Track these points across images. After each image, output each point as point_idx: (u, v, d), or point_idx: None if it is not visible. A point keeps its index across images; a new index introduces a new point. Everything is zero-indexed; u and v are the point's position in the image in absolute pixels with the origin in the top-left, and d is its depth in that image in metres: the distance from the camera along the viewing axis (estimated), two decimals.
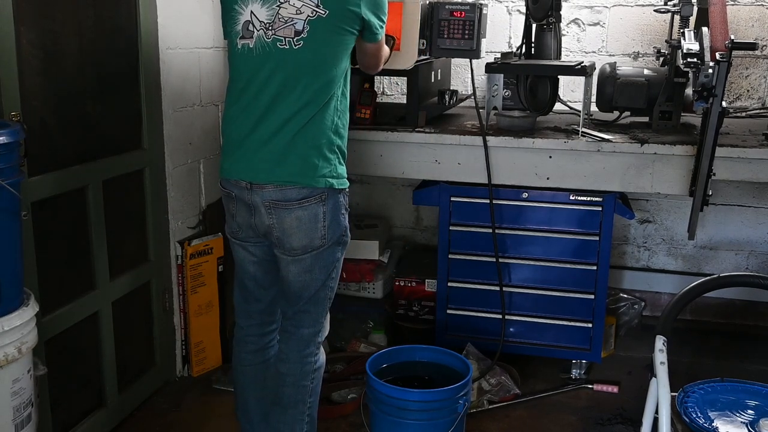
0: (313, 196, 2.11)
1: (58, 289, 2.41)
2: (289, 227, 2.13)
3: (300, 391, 2.27)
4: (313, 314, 2.26)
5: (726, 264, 3.74)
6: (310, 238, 2.14)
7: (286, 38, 2.08)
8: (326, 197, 2.13)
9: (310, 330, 2.27)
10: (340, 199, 2.18)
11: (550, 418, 2.89)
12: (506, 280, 3.08)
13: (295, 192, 2.10)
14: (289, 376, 2.27)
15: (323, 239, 2.16)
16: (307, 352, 2.27)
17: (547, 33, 3.14)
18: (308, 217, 2.12)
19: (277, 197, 2.11)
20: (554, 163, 2.88)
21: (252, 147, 2.13)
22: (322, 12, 2.06)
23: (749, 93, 3.58)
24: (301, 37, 2.07)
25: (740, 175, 2.79)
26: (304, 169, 2.09)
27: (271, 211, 2.13)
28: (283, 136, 2.09)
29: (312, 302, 2.24)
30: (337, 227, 2.18)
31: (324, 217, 2.14)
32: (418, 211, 4.01)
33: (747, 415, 1.84)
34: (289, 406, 2.26)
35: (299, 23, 2.07)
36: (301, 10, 2.07)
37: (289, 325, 2.29)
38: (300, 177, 2.09)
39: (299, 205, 2.10)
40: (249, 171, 2.14)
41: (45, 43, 2.28)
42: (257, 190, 2.12)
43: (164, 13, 2.80)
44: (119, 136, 2.69)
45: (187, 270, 3.04)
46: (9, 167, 1.84)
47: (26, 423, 1.95)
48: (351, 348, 3.29)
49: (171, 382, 3.10)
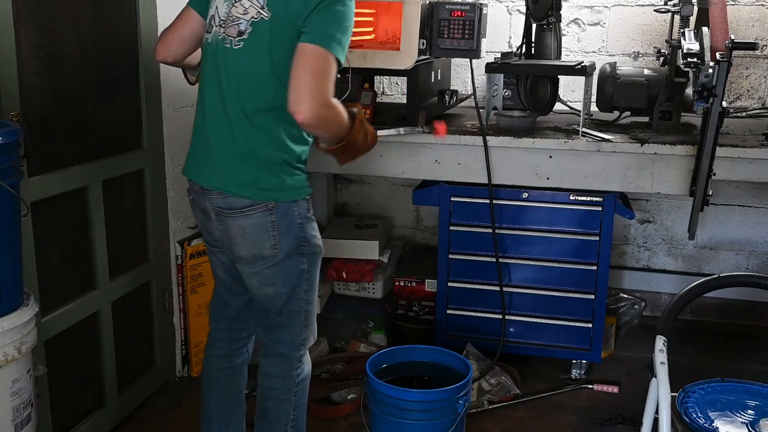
0: (257, 205, 2.03)
1: (58, 289, 2.41)
2: (234, 235, 2.07)
3: (283, 405, 2.22)
4: (289, 328, 2.18)
5: (726, 264, 3.74)
6: (258, 247, 2.06)
7: (229, 37, 2.03)
8: (273, 207, 2.04)
9: (289, 345, 2.20)
10: (293, 209, 2.07)
11: (550, 418, 2.89)
12: (506, 280, 3.08)
13: (237, 200, 2.03)
14: (271, 391, 2.22)
15: (274, 249, 2.06)
16: (288, 367, 2.21)
17: (547, 33, 3.13)
18: (253, 227, 2.04)
19: (221, 204, 2.06)
20: (554, 163, 2.88)
21: (200, 148, 2.11)
22: (266, 14, 1.98)
23: (749, 93, 3.58)
24: (242, 38, 2.01)
25: (740, 175, 2.79)
26: (244, 182, 2.02)
27: (219, 218, 2.09)
28: (225, 144, 2.03)
29: (285, 316, 2.17)
30: (291, 238, 2.08)
31: (273, 226, 2.05)
32: (418, 211, 4.01)
33: (747, 415, 1.84)
34: (273, 419, 2.23)
35: (243, 23, 2.01)
36: (248, 10, 2.00)
37: (267, 340, 2.23)
38: (237, 188, 2.02)
39: (242, 213, 2.04)
40: (198, 173, 2.11)
41: (45, 43, 2.28)
42: (207, 194, 2.09)
43: (164, 13, 2.80)
44: (119, 137, 2.69)
45: (186, 270, 3.04)
46: (9, 167, 1.84)
47: (26, 423, 1.95)
48: (351, 348, 3.29)
49: (171, 382, 3.10)
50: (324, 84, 1.91)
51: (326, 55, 1.92)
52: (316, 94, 1.89)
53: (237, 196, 2.03)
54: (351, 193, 4.02)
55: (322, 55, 1.92)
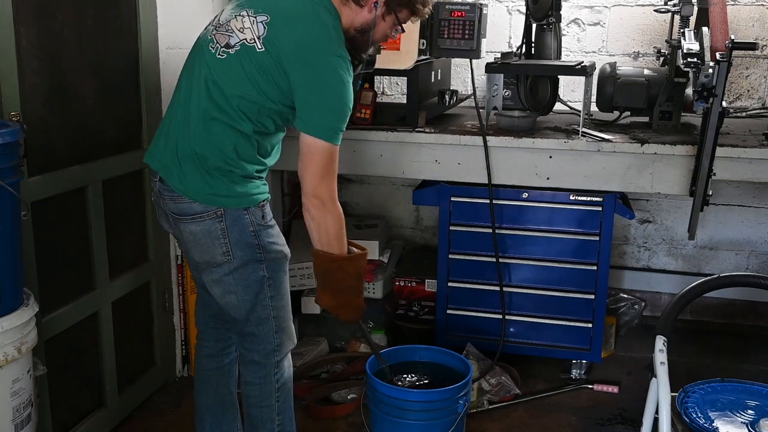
0: (206, 212, 2.01)
1: (58, 289, 2.41)
2: (187, 241, 2.08)
3: (266, 412, 2.21)
4: (259, 336, 2.16)
5: (726, 264, 3.74)
6: (210, 254, 2.05)
7: (216, 43, 2.03)
8: (222, 214, 2.02)
9: (262, 352, 2.18)
10: (243, 217, 2.03)
11: (550, 418, 2.89)
12: (506, 280, 3.08)
13: (188, 206, 2.02)
14: (251, 398, 2.22)
15: (227, 256, 2.04)
16: (265, 374, 2.19)
17: (547, 33, 3.13)
18: (202, 233, 2.03)
19: (174, 210, 2.06)
20: (554, 163, 2.88)
21: (163, 137, 2.10)
22: (259, 46, 1.98)
23: (749, 93, 3.58)
24: (227, 51, 2.01)
25: (740, 175, 2.79)
26: (193, 182, 2.01)
27: (174, 222, 2.10)
28: (183, 140, 2.03)
29: (254, 324, 2.14)
30: (245, 245, 2.05)
31: (223, 233, 2.03)
32: (418, 211, 4.01)
33: (747, 415, 1.84)
34: (258, 425, 2.23)
35: (234, 39, 2.01)
36: (245, 31, 2.00)
37: (241, 348, 2.23)
38: (185, 188, 2.02)
39: (192, 220, 2.03)
40: (158, 162, 2.09)
41: (45, 43, 2.28)
42: (162, 197, 2.09)
43: (164, 13, 2.80)
44: (119, 136, 2.69)
45: (186, 270, 3.04)
46: (9, 167, 1.84)
47: (26, 423, 1.95)
48: (351, 348, 3.29)
49: (171, 382, 3.10)
50: (329, 182, 2.04)
51: (330, 149, 2.01)
52: (319, 192, 2.03)
53: (186, 196, 2.02)
54: (351, 193, 4.02)
55: (326, 149, 2.01)
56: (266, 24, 1.99)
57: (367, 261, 2.28)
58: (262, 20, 2.00)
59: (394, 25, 2.18)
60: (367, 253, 2.27)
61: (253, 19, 2.01)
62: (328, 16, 2.04)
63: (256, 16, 2.01)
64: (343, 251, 2.16)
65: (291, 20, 2.00)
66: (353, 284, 2.24)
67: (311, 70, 1.97)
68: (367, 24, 2.12)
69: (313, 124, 1.99)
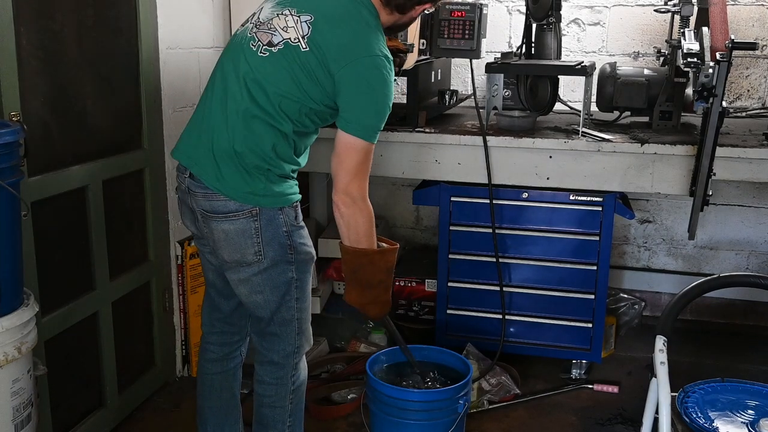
0: (241, 211, 2.00)
1: (58, 289, 2.41)
2: (218, 239, 2.05)
3: (278, 413, 2.21)
4: (281, 336, 2.15)
5: (726, 264, 3.74)
6: (241, 253, 2.03)
7: (259, 42, 2.02)
8: (258, 213, 2.00)
9: (282, 353, 2.17)
10: (278, 217, 2.03)
11: (550, 418, 2.89)
12: (506, 280, 3.08)
13: (222, 204, 2.00)
14: (266, 398, 2.20)
15: (258, 255, 2.03)
16: (282, 374, 2.18)
17: (548, 33, 3.14)
18: (236, 232, 2.01)
19: (206, 207, 2.04)
20: (554, 163, 2.88)
21: (195, 135, 2.08)
22: (304, 46, 1.97)
23: (749, 93, 3.58)
24: (270, 49, 2.00)
25: (740, 175, 2.79)
26: (229, 180, 1.99)
27: (204, 220, 2.07)
28: (221, 138, 2.01)
29: (277, 324, 2.14)
30: (277, 246, 2.04)
31: (257, 233, 2.01)
32: (418, 211, 4.01)
33: (747, 416, 1.84)
34: (269, 426, 2.22)
35: (278, 37, 2.00)
36: (288, 30, 2.00)
37: (260, 347, 2.21)
38: (222, 185, 2.00)
39: (226, 218, 2.01)
40: (190, 159, 2.07)
41: (45, 43, 2.28)
42: (192, 195, 2.06)
43: (164, 13, 2.80)
44: (119, 136, 2.69)
45: (187, 270, 3.04)
46: (9, 167, 1.84)
47: (26, 423, 1.95)
48: (351, 348, 3.29)
49: (171, 382, 3.10)
50: (361, 181, 2.04)
51: (367, 148, 2.03)
52: (350, 189, 2.03)
53: (221, 193, 2.00)
54: None
55: (363, 148, 2.02)
56: (310, 23, 1.99)
57: (396, 256, 2.27)
58: (306, 20, 2.00)
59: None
60: (397, 247, 2.26)
61: (297, 18, 2.00)
62: (371, 16, 2.05)
63: (300, 15, 2.01)
64: (372, 246, 2.16)
65: (335, 20, 2.00)
66: (383, 278, 2.23)
67: (356, 70, 1.97)
68: (403, 23, 2.19)
69: (355, 123, 2.00)
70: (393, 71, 2.04)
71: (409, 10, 2.12)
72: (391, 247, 2.24)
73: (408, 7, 2.11)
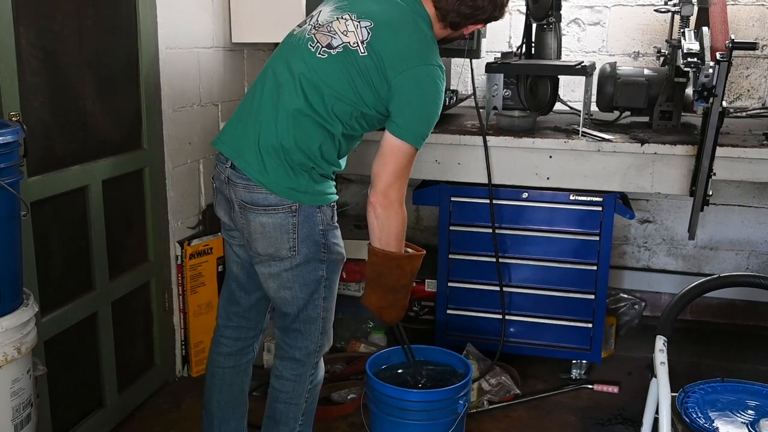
0: (281, 205, 2.02)
1: (57, 289, 2.41)
2: (254, 231, 2.07)
3: (292, 409, 2.21)
4: (305, 333, 2.17)
5: (726, 264, 3.74)
6: (276, 247, 2.05)
7: (318, 43, 2.05)
8: (297, 209, 2.03)
9: (304, 350, 2.18)
10: (316, 214, 2.06)
11: (550, 418, 2.89)
12: (506, 280, 3.08)
13: (263, 197, 2.03)
14: (282, 393, 2.21)
15: (292, 251, 2.05)
16: (302, 372, 2.19)
17: (548, 33, 3.14)
18: (273, 226, 2.04)
19: (246, 199, 2.05)
20: (554, 163, 2.88)
21: (241, 128, 2.10)
22: (362, 51, 2.01)
23: (749, 93, 3.58)
24: (329, 51, 2.03)
25: (740, 175, 2.79)
26: (272, 175, 2.02)
27: (242, 211, 2.09)
28: (268, 133, 2.03)
29: (302, 321, 2.15)
30: (312, 243, 2.07)
31: (294, 228, 2.04)
32: (418, 211, 4.01)
33: (747, 416, 1.83)
34: (281, 422, 2.22)
35: (337, 41, 2.03)
36: (348, 34, 2.03)
37: (283, 343, 2.22)
38: (265, 178, 2.02)
39: (265, 211, 2.03)
40: (233, 150, 2.08)
41: (45, 43, 2.28)
42: (232, 186, 2.08)
43: (164, 13, 2.80)
44: (119, 136, 2.69)
45: (186, 270, 3.04)
46: (9, 167, 1.84)
47: (26, 423, 1.95)
48: (351, 348, 3.29)
49: (171, 382, 3.10)
50: (401, 185, 2.09)
51: (412, 153, 2.08)
52: (389, 191, 2.07)
53: (264, 186, 2.02)
54: (351, 193, 4.02)
55: (408, 153, 2.07)
56: (370, 29, 2.03)
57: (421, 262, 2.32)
58: (366, 25, 2.04)
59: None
60: (423, 253, 2.31)
61: (357, 24, 2.04)
62: (427, 27, 2.11)
63: (360, 21, 2.04)
64: (400, 251, 2.20)
65: (394, 28, 2.04)
66: (407, 282, 2.29)
67: (412, 78, 2.01)
68: (453, 38, 2.25)
69: (405, 128, 2.04)
70: (444, 81, 2.10)
71: (462, 27, 2.17)
72: (418, 253, 2.29)
73: (462, 25, 2.16)
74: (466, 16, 2.13)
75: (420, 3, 2.12)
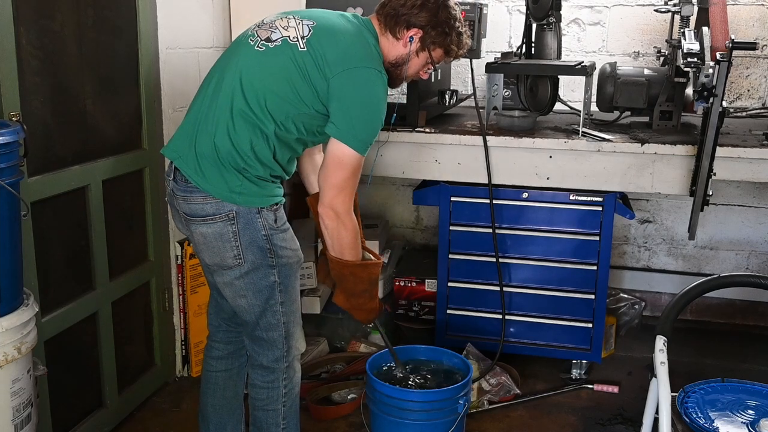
0: (218, 214, 2.00)
1: (57, 289, 2.41)
2: (198, 242, 2.07)
3: (271, 415, 2.21)
4: (269, 341, 2.15)
5: (726, 264, 3.74)
6: (220, 256, 2.04)
7: (257, 37, 2.06)
8: (235, 216, 2.00)
9: (271, 357, 2.17)
10: (256, 220, 2.02)
11: (550, 418, 2.89)
12: (506, 280, 3.08)
13: (199, 207, 2.01)
14: (258, 401, 2.21)
15: (237, 259, 2.03)
16: (273, 378, 2.18)
17: (548, 33, 3.13)
18: (213, 235, 2.02)
19: (186, 210, 2.05)
20: (554, 163, 2.88)
21: (183, 129, 2.10)
22: (302, 46, 2.01)
23: (749, 93, 3.58)
24: (267, 45, 2.03)
25: (740, 175, 2.79)
26: (207, 173, 2.00)
27: (186, 223, 2.09)
28: (208, 130, 2.01)
29: (263, 329, 2.14)
30: (257, 249, 2.04)
31: (234, 236, 2.02)
32: (418, 211, 4.01)
33: (747, 416, 1.84)
34: (262, 428, 2.22)
35: (277, 34, 2.04)
36: (289, 30, 2.04)
37: (251, 350, 2.21)
38: (199, 177, 2.00)
39: (203, 221, 2.02)
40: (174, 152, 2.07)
41: (45, 43, 2.28)
42: (174, 198, 2.08)
43: (164, 13, 2.80)
44: (119, 136, 2.69)
45: (186, 270, 3.04)
46: (9, 167, 1.84)
47: (26, 423, 1.95)
48: (351, 348, 3.29)
49: (171, 382, 3.10)
50: (345, 196, 2.06)
51: (355, 163, 2.04)
52: (335, 204, 2.06)
53: (198, 186, 2.00)
54: None
55: (351, 164, 2.03)
56: (312, 27, 2.05)
57: (381, 270, 2.32)
58: (308, 24, 2.06)
59: (426, 63, 2.22)
60: (381, 263, 2.31)
61: (299, 21, 2.06)
62: (371, 37, 2.11)
63: (303, 20, 2.07)
64: (356, 258, 2.19)
65: (336, 31, 2.06)
66: (367, 288, 2.28)
67: (351, 78, 2.00)
68: (401, 58, 2.17)
69: (346, 131, 2.01)
70: (387, 90, 2.08)
71: (399, 27, 2.12)
72: (374, 262, 2.28)
73: (399, 23, 2.12)
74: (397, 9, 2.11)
75: (369, 20, 2.15)
